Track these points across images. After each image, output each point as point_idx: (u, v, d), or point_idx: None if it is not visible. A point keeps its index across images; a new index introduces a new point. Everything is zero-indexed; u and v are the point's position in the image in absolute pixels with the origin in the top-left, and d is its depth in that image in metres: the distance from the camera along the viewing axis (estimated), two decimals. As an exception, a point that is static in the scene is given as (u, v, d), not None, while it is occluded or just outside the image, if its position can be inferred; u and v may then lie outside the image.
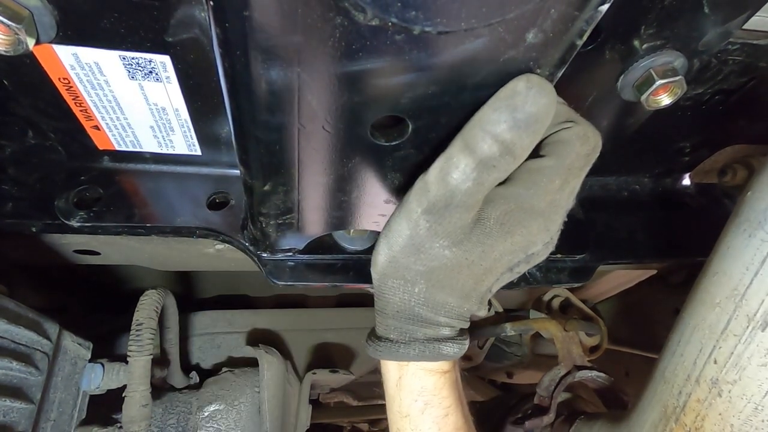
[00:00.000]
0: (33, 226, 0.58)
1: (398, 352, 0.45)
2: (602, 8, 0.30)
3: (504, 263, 0.43)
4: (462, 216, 0.40)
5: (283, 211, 0.48)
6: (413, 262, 0.42)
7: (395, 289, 0.44)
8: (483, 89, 0.34)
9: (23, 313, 0.56)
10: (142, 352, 0.71)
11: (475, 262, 0.42)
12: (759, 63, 0.54)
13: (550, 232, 0.43)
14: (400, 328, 0.45)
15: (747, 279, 0.45)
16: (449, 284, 0.43)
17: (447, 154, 0.38)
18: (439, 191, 0.38)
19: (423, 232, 0.40)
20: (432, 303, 0.44)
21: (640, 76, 0.48)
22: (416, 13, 0.27)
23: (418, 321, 0.45)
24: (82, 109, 0.51)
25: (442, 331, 0.45)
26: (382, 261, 0.43)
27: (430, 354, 0.45)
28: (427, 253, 0.41)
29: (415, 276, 0.43)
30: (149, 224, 0.59)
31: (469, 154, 0.36)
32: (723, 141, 0.69)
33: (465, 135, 0.37)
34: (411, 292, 0.43)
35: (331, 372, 1.08)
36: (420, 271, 0.42)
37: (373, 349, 0.47)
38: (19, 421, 0.54)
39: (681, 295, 0.55)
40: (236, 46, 0.29)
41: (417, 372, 0.47)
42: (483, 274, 0.43)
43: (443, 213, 0.39)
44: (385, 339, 0.46)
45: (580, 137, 0.41)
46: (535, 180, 0.41)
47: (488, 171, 0.37)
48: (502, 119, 0.34)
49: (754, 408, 0.46)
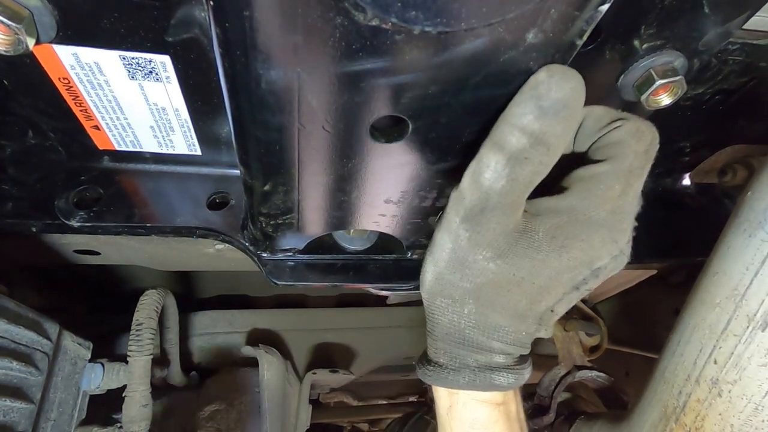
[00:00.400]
0: (33, 226, 0.58)
1: (447, 378, 0.42)
2: (602, 8, 0.30)
3: (565, 281, 0.40)
4: (500, 220, 0.37)
5: (283, 211, 0.48)
6: (459, 278, 0.39)
7: (444, 309, 0.41)
8: (483, 89, 0.34)
9: (23, 313, 0.56)
10: (142, 352, 0.71)
11: (525, 278, 0.39)
12: (759, 63, 0.54)
13: (618, 243, 0.39)
14: (450, 352, 0.42)
15: (747, 279, 0.45)
16: (500, 303, 0.40)
17: (477, 157, 0.36)
18: (474, 195, 0.37)
19: (464, 243, 0.38)
20: (483, 325, 0.40)
21: (640, 76, 0.48)
22: (416, 13, 0.27)
23: (468, 345, 0.41)
24: (82, 109, 0.51)
25: (496, 358, 0.42)
26: (428, 278, 0.41)
27: (481, 383, 0.42)
28: (471, 267, 0.39)
29: (463, 295, 0.40)
30: (149, 224, 0.59)
31: (499, 151, 0.35)
32: (723, 141, 0.69)
33: (493, 134, 0.35)
34: (460, 313, 0.41)
35: (331, 372, 1.08)
36: (467, 288, 0.40)
37: (422, 372, 0.45)
38: (19, 421, 0.54)
39: (681, 295, 0.55)
40: (236, 46, 0.29)
41: (468, 402, 0.44)
42: (537, 293, 0.40)
43: (480, 219, 0.37)
44: (435, 363, 0.44)
45: (634, 134, 0.38)
46: (590, 188, 0.38)
47: (521, 165, 0.35)
48: (527, 111, 0.33)
49: (754, 408, 0.46)
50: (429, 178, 0.44)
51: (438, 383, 0.44)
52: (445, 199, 0.48)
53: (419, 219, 0.52)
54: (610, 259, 0.40)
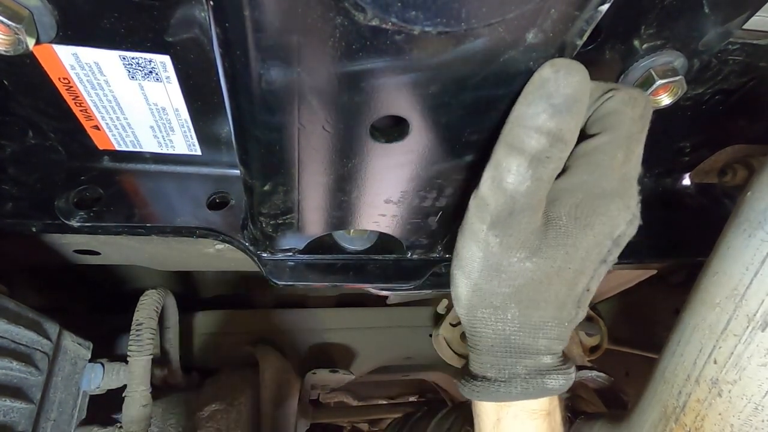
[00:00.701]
0: (33, 226, 0.58)
1: (499, 392, 0.41)
2: (602, 8, 0.30)
3: (594, 258, 0.40)
4: (530, 219, 0.37)
5: (283, 211, 0.48)
6: (497, 285, 0.39)
7: (486, 319, 0.40)
8: (483, 89, 0.34)
9: (23, 313, 0.56)
10: (142, 352, 0.71)
11: (562, 267, 0.39)
12: (759, 63, 0.54)
13: (630, 208, 0.40)
14: (497, 364, 0.41)
15: (747, 279, 0.45)
16: (542, 299, 0.40)
17: (494, 162, 0.36)
18: (499, 201, 0.36)
19: (496, 249, 0.38)
20: (528, 326, 0.40)
21: (640, 76, 0.48)
22: (416, 13, 0.27)
23: (516, 352, 0.41)
24: (82, 109, 0.51)
25: (544, 360, 0.41)
26: (464, 293, 0.40)
27: (534, 390, 0.40)
28: (507, 271, 0.38)
29: (504, 300, 0.39)
30: (149, 224, 0.59)
31: (519, 154, 0.35)
32: (723, 141, 0.69)
33: (506, 138, 0.35)
34: (504, 320, 0.40)
35: (331, 372, 1.08)
36: (507, 293, 0.39)
37: (468, 389, 0.43)
38: (19, 421, 0.54)
39: (681, 295, 0.55)
40: (236, 46, 0.29)
41: (519, 414, 0.43)
42: (574, 277, 0.40)
43: (509, 222, 0.37)
44: (483, 377, 0.42)
45: (628, 101, 0.38)
46: (596, 161, 0.38)
47: (543, 165, 0.35)
48: (540, 110, 0.33)
49: (754, 408, 0.46)
50: (429, 178, 0.44)
51: (489, 398, 0.42)
52: (445, 198, 0.48)
53: (419, 219, 0.52)
54: (626, 225, 0.40)
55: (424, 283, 0.64)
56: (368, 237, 0.61)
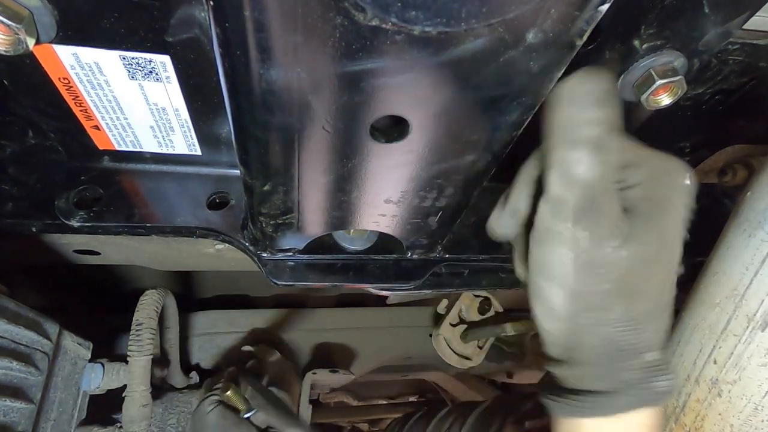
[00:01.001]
0: (33, 226, 0.58)
1: (611, 404, 0.38)
2: (602, 8, 0.30)
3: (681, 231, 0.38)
4: (611, 205, 0.36)
5: (283, 211, 0.48)
6: (596, 283, 0.36)
7: (591, 326, 0.38)
8: (483, 89, 0.34)
9: (23, 313, 0.56)
10: (142, 352, 0.71)
11: (659, 249, 0.37)
12: (759, 63, 0.54)
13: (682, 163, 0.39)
14: (605, 374, 0.39)
15: (747, 279, 0.45)
16: (644, 288, 0.37)
17: (556, 162, 0.36)
18: (576, 192, 0.35)
19: (587, 243, 0.36)
20: (634, 320, 0.37)
21: (640, 76, 0.48)
22: (416, 13, 0.27)
23: (623, 355, 0.38)
24: (82, 109, 0.51)
25: (647, 357, 0.38)
26: (560, 303, 0.37)
27: (646, 396, 0.38)
28: (603, 265, 0.36)
29: (604, 299, 0.37)
30: (149, 224, 0.59)
31: (582, 146, 0.35)
32: (723, 141, 0.69)
33: (562, 137, 0.36)
34: (609, 321, 0.37)
35: (331, 372, 1.08)
36: (608, 290, 0.37)
37: (571, 408, 0.40)
38: (19, 421, 0.54)
39: (681, 294, 0.55)
40: (236, 46, 0.29)
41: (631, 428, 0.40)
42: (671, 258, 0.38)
43: (594, 211, 0.35)
44: (588, 392, 0.39)
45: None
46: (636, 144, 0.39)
47: (606, 151, 0.35)
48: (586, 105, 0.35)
49: (753, 408, 0.46)
50: (429, 178, 0.44)
51: (600, 413, 0.39)
52: (445, 198, 0.48)
53: (419, 219, 0.52)
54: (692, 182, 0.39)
55: (424, 283, 0.64)
56: (368, 237, 0.61)
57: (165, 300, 0.82)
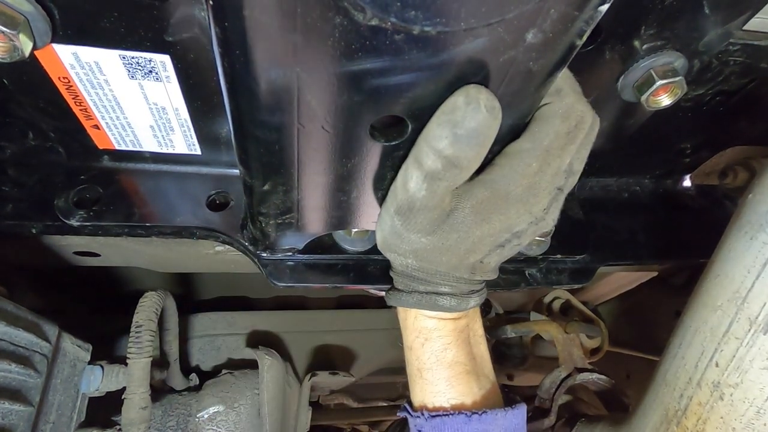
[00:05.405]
0: (33, 228, 0.58)
1: (401, 299, 0.51)
2: (602, 8, 0.30)
3: (487, 243, 0.45)
4: (426, 216, 0.42)
5: (282, 211, 0.48)
6: (399, 243, 0.46)
7: (394, 258, 0.49)
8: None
9: (22, 314, 0.56)
10: (141, 354, 0.71)
11: (452, 246, 0.45)
12: (760, 64, 0.54)
13: (533, 213, 0.43)
14: (403, 282, 0.51)
15: (749, 282, 0.45)
16: (435, 261, 0.47)
17: (405, 165, 0.40)
18: (403, 197, 0.41)
19: (399, 226, 0.44)
20: (425, 270, 0.48)
21: (641, 76, 0.48)
22: (416, 13, 0.27)
23: (416, 280, 0.49)
24: (82, 109, 0.51)
25: (441, 289, 0.49)
26: (379, 238, 0.49)
27: (427, 303, 0.49)
28: (406, 240, 0.45)
29: (405, 252, 0.47)
30: (149, 224, 0.59)
31: (418, 168, 0.38)
32: (724, 142, 0.69)
33: (415, 149, 0.39)
34: (405, 264, 0.48)
35: (331, 374, 1.08)
36: (407, 249, 0.46)
37: (386, 297, 0.54)
38: (18, 423, 0.53)
39: (682, 297, 0.55)
40: (236, 46, 0.29)
41: (418, 316, 0.53)
42: (465, 253, 0.45)
43: (409, 215, 0.42)
44: (394, 289, 0.53)
45: (560, 114, 0.39)
46: (512, 164, 0.41)
47: (436, 182, 0.38)
48: (443, 135, 0.35)
49: (756, 411, 0.45)
50: (429, 178, 0.44)
51: (395, 303, 0.53)
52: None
53: (419, 220, 0.52)
54: (529, 225, 0.44)
55: (424, 285, 0.64)
56: (369, 238, 0.61)
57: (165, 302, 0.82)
